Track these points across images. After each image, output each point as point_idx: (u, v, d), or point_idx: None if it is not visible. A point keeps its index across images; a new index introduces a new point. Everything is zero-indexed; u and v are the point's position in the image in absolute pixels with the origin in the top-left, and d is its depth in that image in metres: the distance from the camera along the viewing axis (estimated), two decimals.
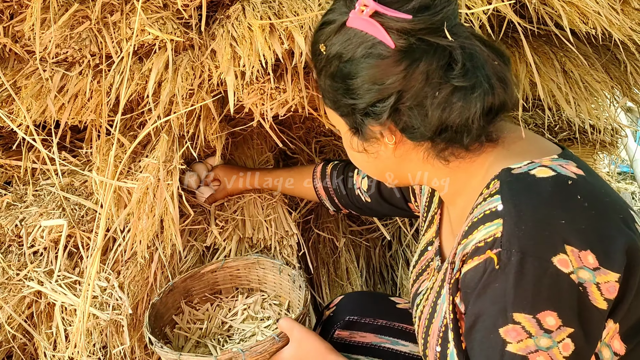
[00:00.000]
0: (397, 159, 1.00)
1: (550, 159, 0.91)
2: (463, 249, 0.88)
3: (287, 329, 1.15)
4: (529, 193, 0.85)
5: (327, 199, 1.53)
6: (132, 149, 1.31)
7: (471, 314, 0.86)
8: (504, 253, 0.81)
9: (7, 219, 1.45)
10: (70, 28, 1.42)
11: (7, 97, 1.48)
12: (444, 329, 0.95)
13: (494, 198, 0.86)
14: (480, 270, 0.84)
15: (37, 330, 1.38)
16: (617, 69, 1.80)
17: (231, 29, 1.46)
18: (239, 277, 1.50)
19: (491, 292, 0.82)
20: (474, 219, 0.88)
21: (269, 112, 1.44)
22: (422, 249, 1.18)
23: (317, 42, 1.00)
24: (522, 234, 0.81)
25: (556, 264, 0.79)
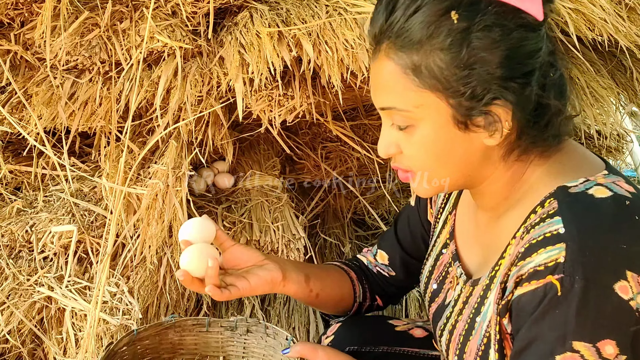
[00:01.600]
0: (483, 154, 0.91)
1: (603, 175, 0.88)
2: (518, 271, 0.85)
3: (310, 352, 1.08)
4: (591, 216, 0.82)
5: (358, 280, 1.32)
6: (142, 155, 1.33)
7: (524, 338, 0.83)
8: (566, 279, 0.79)
9: (18, 225, 1.47)
10: (81, 36, 1.43)
11: (17, 103, 1.49)
12: (483, 348, 0.93)
13: (554, 220, 0.83)
14: (540, 295, 0.81)
15: (48, 336, 1.40)
16: (622, 75, 1.81)
17: (239, 36, 1.47)
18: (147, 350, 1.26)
19: (550, 318, 0.80)
20: (532, 240, 0.84)
21: (277, 118, 1.45)
22: (437, 252, 1.15)
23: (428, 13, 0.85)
24: (586, 260, 0.79)
25: (617, 290, 0.78)
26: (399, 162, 0.96)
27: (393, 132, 0.93)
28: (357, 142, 1.90)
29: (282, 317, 1.62)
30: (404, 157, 0.95)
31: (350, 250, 1.81)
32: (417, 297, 1.79)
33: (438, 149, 0.91)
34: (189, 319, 1.25)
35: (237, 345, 1.28)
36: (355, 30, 1.36)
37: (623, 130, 2.21)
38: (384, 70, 0.90)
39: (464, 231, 1.09)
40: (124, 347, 1.18)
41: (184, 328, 1.27)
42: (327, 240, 1.82)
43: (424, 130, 0.90)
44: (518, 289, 0.84)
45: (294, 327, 1.62)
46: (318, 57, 1.38)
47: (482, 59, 0.84)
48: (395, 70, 0.88)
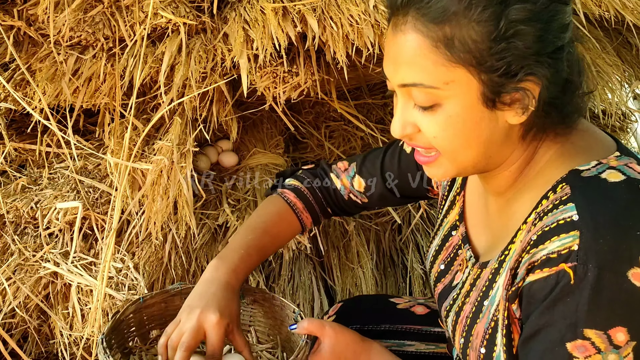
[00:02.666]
0: (505, 133, 0.88)
1: (615, 157, 0.87)
2: (530, 258, 0.84)
3: (317, 328, 1.06)
4: (605, 202, 0.81)
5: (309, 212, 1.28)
6: (146, 132, 1.32)
7: (535, 324, 0.83)
8: (580, 268, 0.78)
9: (23, 202, 1.47)
10: (84, 11, 1.43)
11: (21, 80, 1.49)
12: (490, 332, 0.92)
13: (567, 207, 0.82)
14: (552, 282, 0.80)
15: (54, 311, 1.40)
16: (628, 52, 1.80)
17: (243, 12, 1.47)
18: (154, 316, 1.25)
19: (562, 306, 0.80)
20: (545, 227, 0.83)
21: (282, 95, 1.45)
22: (445, 233, 1.13)
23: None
24: (600, 248, 0.78)
25: (631, 278, 0.77)
26: (417, 140, 0.92)
27: (412, 111, 0.89)
28: (362, 121, 1.90)
29: (287, 294, 1.63)
30: (424, 137, 0.90)
31: (355, 229, 1.81)
32: (421, 274, 1.79)
33: (466, 128, 0.86)
34: (194, 286, 1.19)
35: (243, 314, 1.26)
36: (360, 5, 1.36)
37: (628, 110, 2.20)
38: (409, 44, 0.84)
39: (474, 213, 1.07)
40: (130, 315, 1.18)
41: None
42: (331, 218, 1.82)
43: (451, 108, 0.85)
44: (530, 275, 0.83)
45: (298, 304, 1.63)
46: (323, 33, 1.37)
47: (520, 32, 0.80)
48: (424, 43, 0.83)
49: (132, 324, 1.19)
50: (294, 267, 1.71)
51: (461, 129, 0.86)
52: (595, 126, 0.95)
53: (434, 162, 0.92)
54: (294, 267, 1.71)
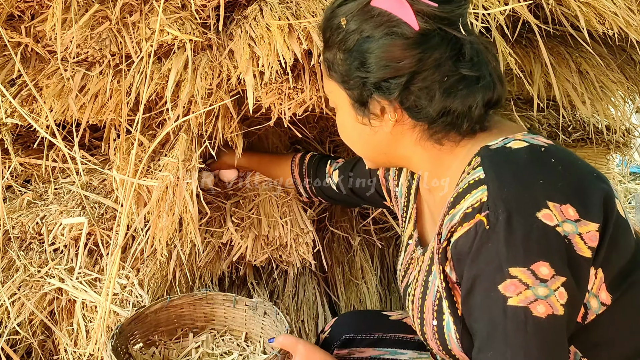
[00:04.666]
0: (392, 137, 1.06)
1: (522, 134, 0.99)
2: (451, 220, 0.93)
3: (291, 345, 1.15)
4: (508, 161, 0.93)
5: (301, 184, 1.62)
6: (152, 148, 1.33)
7: (468, 278, 0.90)
8: (492, 214, 0.87)
9: (28, 217, 1.47)
10: (91, 28, 1.44)
11: (27, 96, 1.49)
12: (437, 302, 0.99)
13: (476, 170, 0.93)
14: (472, 234, 0.89)
15: (58, 327, 1.40)
16: (632, 69, 1.80)
17: (249, 29, 1.47)
18: (182, 316, 1.42)
19: (485, 252, 0.87)
20: (459, 189, 0.94)
21: (287, 112, 1.45)
22: (405, 245, 1.23)
23: (336, 16, 1.04)
24: (506, 195, 0.87)
25: (541, 218, 0.85)
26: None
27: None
28: None
29: (291, 310, 1.63)
30: None
31: (359, 244, 1.82)
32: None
33: (348, 130, 1.12)
34: (219, 294, 1.42)
35: (256, 325, 1.39)
36: None
37: (631, 125, 2.21)
38: (322, 63, 1.13)
39: (424, 217, 1.20)
40: (157, 311, 1.33)
41: (215, 301, 1.41)
42: (335, 233, 1.82)
43: (339, 113, 1.12)
44: (454, 235, 0.92)
45: (302, 320, 1.63)
46: None
47: (362, 59, 1.00)
48: (322, 63, 1.11)
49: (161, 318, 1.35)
50: (298, 283, 1.71)
51: (345, 130, 1.13)
52: (509, 120, 1.10)
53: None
54: (298, 283, 1.71)
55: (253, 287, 1.65)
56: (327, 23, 1.07)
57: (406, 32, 0.96)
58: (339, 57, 1.04)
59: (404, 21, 0.96)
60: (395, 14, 0.96)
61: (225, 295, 1.42)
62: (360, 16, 1.00)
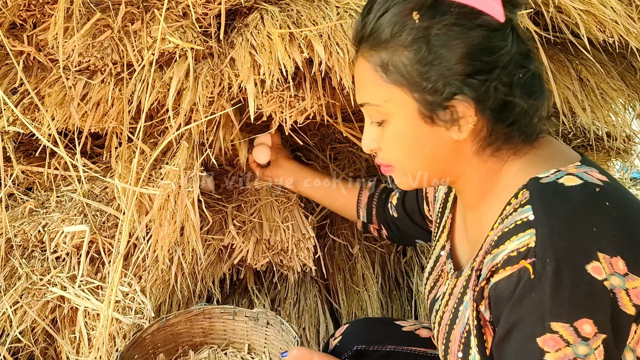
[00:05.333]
0: (454, 148, 0.96)
1: (575, 166, 0.91)
2: (492, 259, 0.88)
3: (305, 358, 1.11)
4: (560, 202, 0.85)
5: (366, 208, 1.52)
6: (154, 156, 1.33)
7: (506, 323, 0.86)
8: (538, 262, 0.82)
9: (30, 225, 1.47)
10: (93, 37, 1.44)
11: (29, 104, 1.50)
12: (465, 335, 0.96)
13: (524, 208, 0.86)
14: (515, 280, 0.84)
15: (61, 335, 1.40)
16: (633, 76, 1.81)
17: (250, 37, 1.48)
18: (179, 334, 1.38)
19: (528, 301, 0.82)
20: (504, 229, 0.87)
21: (288, 120, 1.46)
22: (436, 255, 1.19)
23: (395, 14, 0.91)
24: (556, 243, 0.81)
25: (590, 271, 0.80)
26: (380, 158, 1.04)
27: (373, 129, 1.01)
28: None
29: (292, 318, 1.63)
30: (383, 153, 1.02)
31: (359, 252, 1.82)
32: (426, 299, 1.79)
33: (409, 142, 0.97)
34: (216, 307, 1.38)
35: (259, 336, 1.36)
36: None
37: (632, 132, 2.21)
38: (359, 69, 0.99)
39: (458, 231, 1.14)
40: (154, 333, 1.28)
41: (213, 315, 1.38)
42: (336, 241, 1.83)
43: (394, 124, 0.97)
44: (494, 276, 0.87)
45: (304, 328, 1.63)
46: (329, 59, 1.38)
47: (441, 56, 0.89)
48: (367, 67, 0.96)
49: (158, 339, 1.30)
50: (300, 291, 1.71)
51: (404, 142, 0.97)
52: (561, 142, 1.01)
53: (392, 173, 1.04)
54: (300, 291, 1.71)
55: (254, 294, 1.66)
56: (379, 23, 0.94)
57: (492, 23, 0.88)
58: (406, 56, 0.91)
59: (483, 12, 0.88)
60: (475, 5, 0.88)
61: (223, 308, 1.39)
62: (433, 9, 0.89)
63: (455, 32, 0.88)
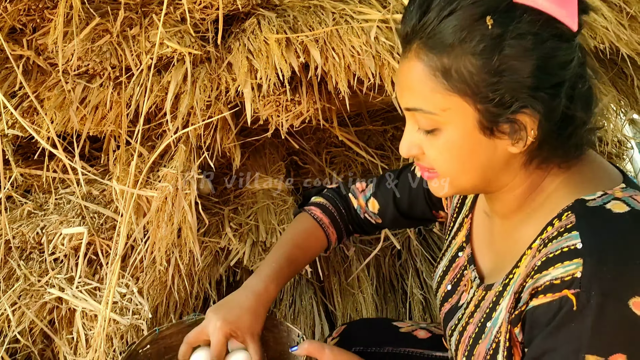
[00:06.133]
0: (505, 161, 0.92)
1: (621, 189, 0.89)
2: (534, 283, 0.86)
3: (317, 350, 1.09)
4: (608, 232, 0.83)
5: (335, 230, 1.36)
6: (152, 159, 1.35)
7: (538, 348, 0.85)
8: (583, 294, 0.80)
9: (29, 227, 1.49)
10: (92, 41, 1.46)
11: (28, 108, 1.52)
12: (491, 352, 0.95)
13: (572, 235, 0.84)
14: (555, 308, 0.83)
15: (58, 336, 1.42)
16: (624, 82, 1.84)
17: (247, 42, 1.50)
18: (172, 347, 1.28)
19: (566, 331, 0.82)
20: (549, 254, 0.85)
21: (284, 123, 1.48)
22: (452, 254, 1.16)
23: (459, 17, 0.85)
24: (603, 275, 0.80)
25: (632, 306, 0.79)
26: (422, 161, 0.97)
27: (416, 134, 0.94)
28: (362, 147, 1.93)
29: (288, 319, 1.65)
30: (427, 159, 0.95)
31: (355, 254, 1.83)
32: (420, 299, 1.81)
33: (463, 153, 0.91)
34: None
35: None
36: (361, 37, 1.39)
37: (624, 137, 2.24)
38: (412, 70, 0.89)
39: (480, 236, 1.10)
40: (147, 346, 1.21)
41: None
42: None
43: (449, 134, 0.90)
44: (533, 300, 0.85)
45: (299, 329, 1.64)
46: (325, 64, 1.40)
47: (513, 67, 0.83)
48: (424, 71, 0.88)
49: (150, 355, 1.22)
50: (295, 292, 1.73)
51: (459, 154, 0.90)
52: (602, 157, 0.97)
53: (435, 179, 0.97)
54: (295, 292, 1.73)
55: None
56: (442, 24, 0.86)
57: (566, 33, 0.83)
58: (472, 63, 0.85)
59: (558, 20, 0.82)
60: (550, 13, 0.82)
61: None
62: (506, 15, 0.83)
63: (530, 42, 0.82)
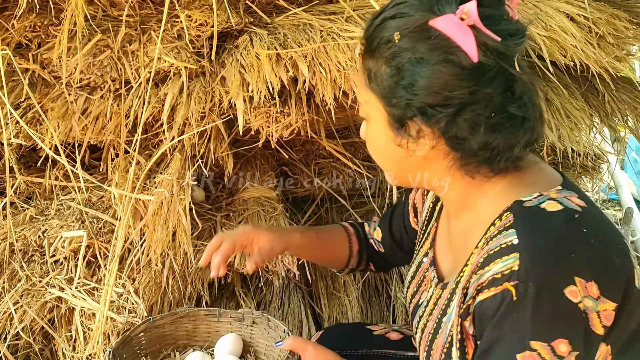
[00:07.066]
0: (424, 162, 1.02)
1: (556, 191, 0.96)
2: (478, 279, 0.94)
3: (300, 346, 1.16)
4: (542, 228, 0.91)
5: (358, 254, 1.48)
6: (149, 166, 1.43)
7: (488, 339, 0.92)
8: (521, 286, 0.87)
9: (31, 231, 1.57)
10: (93, 56, 1.55)
11: (31, 118, 1.60)
12: (447, 346, 1.02)
13: (509, 232, 0.92)
14: (498, 300, 0.90)
15: (58, 333, 1.49)
16: (595, 98, 1.93)
17: (240, 57, 1.59)
18: (164, 336, 1.39)
19: (510, 320, 0.89)
20: (490, 251, 0.93)
21: (274, 134, 1.57)
22: (419, 260, 1.26)
23: (387, 28, 0.96)
24: (538, 268, 0.88)
25: (567, 295, 0.87)
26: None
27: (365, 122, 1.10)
28: (349, 159, 2.02)
29: None
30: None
31: None
32: (404, 303, 1.89)
33: (380, 145, 1.06)
34: (201, 310, 1.39)
35: (244, 335, 1.39)
36: (347, 53, 1.48)
37: (600, 151, 2.34)
38: (359, 67, 1.05)
39: (442, 239, 1.20)
40: (141, 333, 1.30)
41: (197, 317, 1.40)
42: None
43: (371, 125, 1.06)
44: (479, 295, 0.93)
45: None
46: (313, 78, 1.49)
47: (409, 80, 0.94)
48: (361, 68, 1.03)
49: (143, 342, 1.31)
50: (284, 295, 1.80)
51: (377, 143, 1.06)
52: (545, 162, 1.06)
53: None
54: (284, 295, 1.80)
55: (241, 297, 1.75)
56: (375, 32, 0.99)
57: (463, 62, 0.90)
58: (384, 70, 0.97)
59: (462, 49, 0.90)
60: (455, 41, 0.90)
61: (208, 310, 1.42)
62: (416, 35, 0.93)
63: (425, 62, 0.92)
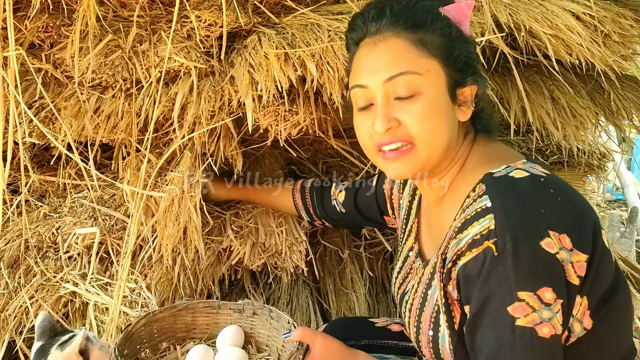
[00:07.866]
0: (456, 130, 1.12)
1: (522, 163, 1.06)
2: (457, 244, 1.00)
3: (309, 337, 1.19)
4: (512, 190, 1.00)
5: (304, 209, 1.67)
6: (160, 164, 1.46)
7: (478, 299, 0.97)
8: (499, 242, 0.94)
9: (45, 228, 1.60)
10: (105, 56, 1.58)
11: (44, 118, 1.63)
12: (435, 315, 1.08)
13: (482, 198, 1.00)
14: (481, 259, 0.96)
15: (72, 327, 1.52)
16: (601, 96, 1.95)
17: (249, 57, 1.62)
18: (163, 330, 1.39)
19: (495, 276, 0.95)
20: (467, 216, 1.00)
21: (283, 132, 1.59)
22: (404, 256, 1.31)
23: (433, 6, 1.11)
24: (512, 224, 0.94)
25: (544, 246, 0.93)
26: (397, 134, 1.09)
27: (392, 106, 1.08)
28: (356, 157, 2.04)
29: None
30: (404, 128, 1.08)
31: (349, 257, 1.94)
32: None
33: (439, 114, 1.07)
34: (200, 302, 1.41)
35: (244, 326, 1.40)
36: None
37: (605, 150, 2.35)
38: (394, 45, 1.08)
39: (425, 232, 1.26)
40: (141, 328, 1.32)
41: (196, 310, 1.41)
42: (327, 247, 1.95)
43: (429, 94, 1.07)
44: (461, 259, 0.99)
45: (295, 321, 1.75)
46: (321, 77, 1.52)
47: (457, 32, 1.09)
48: (406, 43, 1.07)
49: (144, 336, 1.32)
50: (292, 292, 1.83)
51: (436, 113, 1.07)
52: (507, 145, 1.18)
53: (406, 154, 1.09)
54: (292, 292, 1.83)
55: (250, 293, 1.78)
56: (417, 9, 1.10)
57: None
58: (438, 37, 1.08)
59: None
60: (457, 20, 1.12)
61: (206, 302, 1.43)
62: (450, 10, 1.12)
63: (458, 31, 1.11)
